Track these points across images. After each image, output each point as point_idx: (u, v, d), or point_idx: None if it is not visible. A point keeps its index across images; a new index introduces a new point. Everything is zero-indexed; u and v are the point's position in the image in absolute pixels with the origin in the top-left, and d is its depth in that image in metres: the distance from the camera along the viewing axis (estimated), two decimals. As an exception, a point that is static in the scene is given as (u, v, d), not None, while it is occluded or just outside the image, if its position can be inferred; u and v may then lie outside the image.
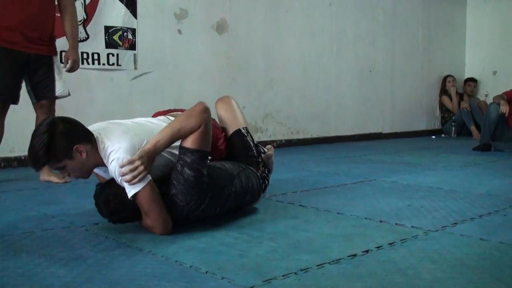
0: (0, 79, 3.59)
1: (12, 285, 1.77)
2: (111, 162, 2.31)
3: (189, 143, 2.36)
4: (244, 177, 2.67)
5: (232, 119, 2.98)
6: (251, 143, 2.92)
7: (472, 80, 8.92)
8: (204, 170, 2.40)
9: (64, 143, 2.26)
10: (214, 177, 2.48)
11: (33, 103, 3.82)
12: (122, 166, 2.27)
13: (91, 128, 2.46)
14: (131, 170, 2.25)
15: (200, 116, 2.38)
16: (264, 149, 3.01)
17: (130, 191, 2.28)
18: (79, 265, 1.98)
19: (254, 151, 2.90)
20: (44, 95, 3.75)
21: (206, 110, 2.41)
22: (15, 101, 3.70)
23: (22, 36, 3.61)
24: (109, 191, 2.37)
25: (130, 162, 2.26)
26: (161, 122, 2.64)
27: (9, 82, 3.64)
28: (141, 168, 2.26)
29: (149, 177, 2.31)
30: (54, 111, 3.85)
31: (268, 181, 2.91)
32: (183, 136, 2.37)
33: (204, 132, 2.39)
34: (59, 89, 3.80)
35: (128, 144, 2.33)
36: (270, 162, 3.11)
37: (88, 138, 2.34)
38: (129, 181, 2.26)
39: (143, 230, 2.43)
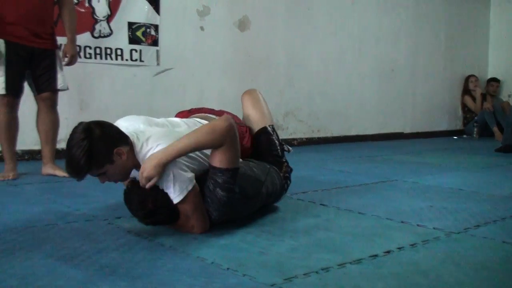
0: (10, 74, 3.64)
1: (37, 276, 1.79)
2: None
3: (219, 162, 2.30)
4: (270, 180, 2.66)
5: (259, 116, 2.94)
6: (276, 141, 2.90)
7: (495, 80, 8.83)
8: (235, 188, 2.37)
9: (104, 147, 2.20)
10: (245, 187, 2.45)
11: (34, 96, 3.87)
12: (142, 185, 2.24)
13: (124, 124, 2.46)
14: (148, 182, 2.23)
15: (224, 135, 2.25)
16: (289, 147, 3.00)
17: (178, 195, 2.25)
18: (102, 259, 1.99)
19: (279, 150, 2.89)
20: (46, 87, 3.80)
21: (230, 129, 2.27)
22: (20, 94, 3.78)
23: (27, 31, 3.66)
24: (146, 191, 2.26)
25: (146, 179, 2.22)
26: (194, 126, 2.63)
27: (18, 76, 3.70)
28: (155, 179, 2.22)
29: (194, 181, 2.30)
30: (57, 103, 3.89)
31: (290, 180, 2.90)
32: (201, 149, 2.32)
33: (232, 151, 2.31)
34: (60, 82, 3.84)
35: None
36: None
37: (126, 140, 2.29)
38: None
39: (164, 225, 2.44)
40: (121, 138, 2.29)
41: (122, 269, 1.88)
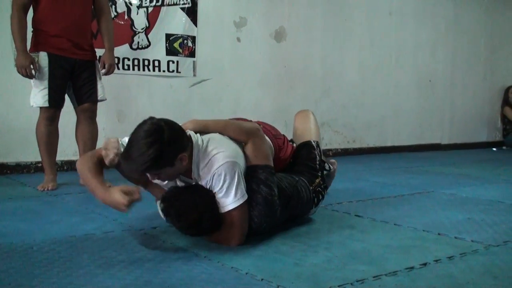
0: (53, 86, 3.71)
1: (75, 285, 1.82)
2: (220, 166, 2.24)
3: (256, 159, 2.37)
4: (296, 193, 2.64)
5: (306, 130, 3.02)
6: (317, 157, 2.90)
7: (536, 91, 8.65)
8: (275, 189, 2.40)
9: (172, 153, 2.18)
10: (279, 195, 2.46)
11: (74, 107, 3.94)
12: None
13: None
14: None
15: (249, 134, 2.43)
16: (330, 165, 3.00)
17: (237, 201, 2.26)
18: (138, 268, 2.02)
19: (317, 165, 2.88)
20: (86, 98, 3.86)
21: (257, 131, 2.48)
22: (62, 106, 3.85)
23: (69, 43, 3.73)
24: (190, 198, 2.26)
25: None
26: None
27: (60, 89, 3.77)
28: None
29: (246, 194, 2.31)
30: (96, 114, 3.95)
31: (322, 196, 2.87)
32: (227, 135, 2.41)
33: (262, 149, 2.42)
34: (100, 93, 3.91)
35: (231, 148, 2.33)
36: (331, 177, 3.09)
37: (188, 145, 2.27)
38: None
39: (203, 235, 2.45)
40: (187, 143, 2.27)
41: (157, 279, 1.90)
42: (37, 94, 3.70)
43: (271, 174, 2.40)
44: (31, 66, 3.61)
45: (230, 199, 2.26)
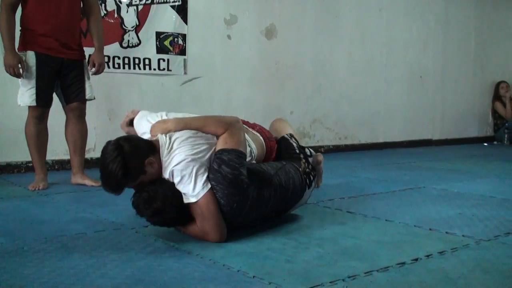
0: (41, 85, 3.69)
1: (65, 285, 1.81)
2: (176, 164, 2.30)
3: (225, 144, 2.41)
4: (283, 174, 2.64)
5: (280, 129, 3.09)
6: (294, 144, 2.96)
7: (526, 86, 8.70)
8: (242, 169, 2.39)
9: (137, 160, 2.28)
10: (255, 179, 2.46)
11: (63, 106, 3.92)
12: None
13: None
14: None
15: (228, 125, 2.47)
16: (312, 151, 3.02)
17: (197, 194, 2.29)
18: (130, 267, 2.01)
19: (296, 150, 2.92)
20: (75, 97, 3.84)
21: (236, 123, 2.52)
22: (50, 105, 3.83)
23: (57, 42, 3.71)
24: (154, 188, 2.31)
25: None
26: None
27: (48, 88, 3.75)
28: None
29: (207, 186, 2.32)
30: (85, 113, 3.93)
31: (313, 176, 2.87)
32: (203, 132, 2.47)
33: (236, 137, 2.45)
34: (88, 92, 3.89)
35: (193, 148, 2.36)
36: (318, 168, 3.08)
37: (154, 149, 2.37)
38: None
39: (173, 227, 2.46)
40: (150, 148, 2.36)
41: (149, 277, 1.90)
42: (24, 93, 3.69)
43: (237, 157, 2.39)
44: (19, 65, 3.59)
45: (189, 194, 2.30)
